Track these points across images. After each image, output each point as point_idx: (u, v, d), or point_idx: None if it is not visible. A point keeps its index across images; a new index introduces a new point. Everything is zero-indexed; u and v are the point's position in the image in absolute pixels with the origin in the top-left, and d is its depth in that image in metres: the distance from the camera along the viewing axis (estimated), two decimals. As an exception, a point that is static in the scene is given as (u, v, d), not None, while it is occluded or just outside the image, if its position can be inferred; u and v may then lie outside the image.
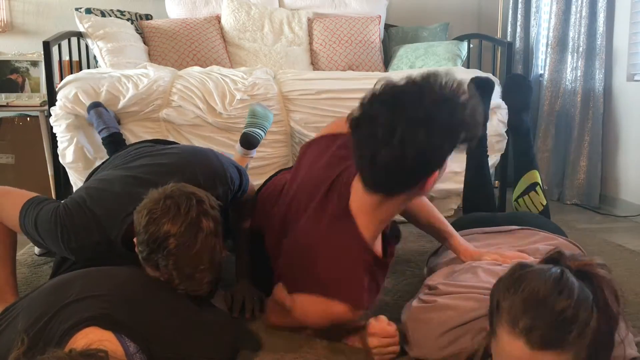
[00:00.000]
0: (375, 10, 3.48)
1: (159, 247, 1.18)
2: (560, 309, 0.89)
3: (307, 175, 1.41)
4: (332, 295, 1.20)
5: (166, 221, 1.18)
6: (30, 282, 1.83)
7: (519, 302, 0.92)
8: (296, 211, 1.37)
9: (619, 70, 2.95)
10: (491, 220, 1.64)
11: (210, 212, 1.23)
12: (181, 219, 1.18)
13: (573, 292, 0.91)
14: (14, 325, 1.08)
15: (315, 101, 2.57)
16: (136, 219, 1.23)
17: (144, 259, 1.22)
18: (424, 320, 1.27)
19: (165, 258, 1.18)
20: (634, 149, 2.88)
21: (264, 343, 1.41)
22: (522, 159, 1.86)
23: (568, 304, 0.89)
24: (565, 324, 0.89)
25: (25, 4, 3.46)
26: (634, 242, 2.37)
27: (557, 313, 0.89)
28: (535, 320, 0.90)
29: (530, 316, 0.90)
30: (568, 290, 0.91)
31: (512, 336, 0.92)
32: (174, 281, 1.20)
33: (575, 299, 0.90)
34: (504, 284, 0.97)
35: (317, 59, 3.32)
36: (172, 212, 1.19)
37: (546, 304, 0.90)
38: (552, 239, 1.51)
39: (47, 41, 2.55)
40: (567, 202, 3.14)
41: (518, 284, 0.95)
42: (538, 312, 0.90)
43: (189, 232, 1.18)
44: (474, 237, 1.56)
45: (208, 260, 1.21)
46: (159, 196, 1.22)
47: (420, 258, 2.05)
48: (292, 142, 2.58)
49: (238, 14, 3.27)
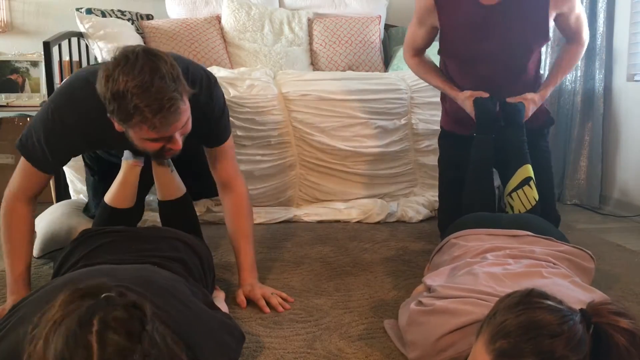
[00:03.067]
0: (375, 11, 3.48)
1: (124, 96, 1.23)
2: (543, 350, 0.83)
3: None
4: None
5: (120, 72, 1.23)
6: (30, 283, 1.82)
7: (508, 325, 0.88)
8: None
9: (619, 70, 2.95)
10: (497, 222, 1.64)
11: (167, 61, 1.29)
12: (135, 67, 1.24)
13: (570, 341, 0.83)
14: (19, 324, 1.07)
15: (316, 101, 2.57)
16: (99, 89, 1.28)
17: (120, 120, 1.28)
18: (422, 323, 1.27)
19: (131, 102, 1.23)
20: (634, 149, 2.88)
21: (264, 343, 1.41)
22: (515, 153, 1.85)
23: (554, 347, 0.83)
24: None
25: (25, 4, 3.46)
26: (634, 242, 2.38)
27: (537, 352, 0.83)
28: (513, 347, 0.86)
29: (511, 341, 0.86)
30: (565, 338, 0.84)
31: (484, 349, 0.90)
32: (148, 119, 1.25)
33: (568, 347, 0.83)
34: (513, 299, 0.93)
35: (317, 59, 3.33)
36: (122, 64, 1.24)
37: (530, 338, 0.84)
38: (558, 245, 1.50)
39: (47, 41, 2.55)
40: (567, 202, 3.15)
41: (519, 308, 0.90)
42: (518, 342, 0.85)
43: (145, 73, 1.24)
44: (478, 237, 1.56)
45: (172, 83, 1.26)
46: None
47: (420, 258, 2.05)
48: (295, 142, 2.59)
49: (238, 14, 3.27)
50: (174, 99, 1.27)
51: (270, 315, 1.57)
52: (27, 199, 1.54)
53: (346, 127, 2.62)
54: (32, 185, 1.53)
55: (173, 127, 1.32)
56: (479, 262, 1.39)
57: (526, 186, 1.79)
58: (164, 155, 1.44)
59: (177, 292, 1.19)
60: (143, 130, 1.30)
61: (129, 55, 1.26)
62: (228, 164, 1.71)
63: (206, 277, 1.53)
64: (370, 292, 1.74)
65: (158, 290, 1.14)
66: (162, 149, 1.39)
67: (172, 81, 1.27)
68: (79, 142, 1.51)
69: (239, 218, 1.72)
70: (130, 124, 1.29)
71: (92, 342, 0.76)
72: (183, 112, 1.32)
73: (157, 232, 1.59)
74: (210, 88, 1.60)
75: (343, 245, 2.24)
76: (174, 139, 1.36)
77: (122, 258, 1.37)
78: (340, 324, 1.52)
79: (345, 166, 2.65)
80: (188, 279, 1.34)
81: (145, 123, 1.27)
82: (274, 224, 2.56)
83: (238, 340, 1.29)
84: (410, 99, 2.67)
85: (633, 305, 1.66)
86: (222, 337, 1.22)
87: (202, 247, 1.61)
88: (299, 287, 1.79)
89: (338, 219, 2.61)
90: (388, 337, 1.43)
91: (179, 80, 1.30)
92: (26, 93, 3.25)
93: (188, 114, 1.36)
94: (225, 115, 1.68)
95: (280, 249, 2.18)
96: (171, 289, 1.18)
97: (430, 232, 2.41)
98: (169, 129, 1.31)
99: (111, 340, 0.76)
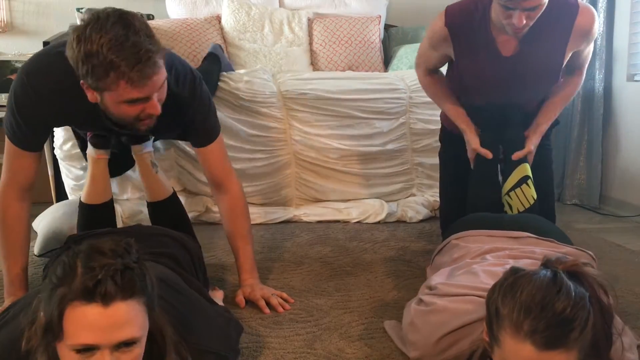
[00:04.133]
0: (375, 10, 3.48)
1: (97, 54, 1.19)
2: (561, 308, 0.91)
3: None
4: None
5: (91, 30, 1.19)
6: (30, 282, 1.82)
7: (519, 306, 0.94)
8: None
9: (619, 70, 2.95)
10: (498, 223, 1.64)
11: (139, 19, 1.25)
12: (107, 23, 1.20)
13: (570, 292, 0.94)
14: (16, 320, 1.07)
15: (315, 101, 2.58)
16: (70, 54, 1.24)
17: (95, 80, 1.23)
18: (423, 323, 1.27)
19: (107, 58, 1.19)
20: (633, 149, 2.88)
21: (264, 343, 1.41)
22: (514, 149, 1.84)
23: (567, 303, 0.92)
24: (567, 322, 0.91)
25: (25, 4, 3.46)
26: (634, 242, 2.37)
27: (558, 313, 0.91)
28: (538, 322, 0.91)
29: (533, 318, 0.92)
30: (565, 291, 0.94)
31: (517, 340, 0.93)
32: (125, 73, 1.21)
33: (572, 298, 0.93)
34: (500, 291, 0.99)
35: (317, 59, 3.32)
36: (93, 23, 1.20)
37: (546, 305, 0.92)
38: (559, 247, 1.50)
39: (47, 41, 2.56)
40: (567, 202, 3.15)
41: (515, 289, 0.97)
42: (539, 314, 0.92)
43: (118, 28, 1.20)
44: (479, 238, 1.56)
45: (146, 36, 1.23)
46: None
47: (420, 258, 2.05)
48: (292, 141, 2.59)
49: (238, 14, 3.27)
50: (151, 51, 1.23)
51: (270, 315, 1.57)
52: (18, 193, 1.48)
53: (344, 126, 2.62)
54: (20, 171, 1.48)
55: (151, 83, 1.26)
56: (478, 262, 1.40)
57: (524, 185, 1.78)
58: (143, 125, 1.37)
59: (174, 284, 1.19)
60: (120, 89, 1.24)
61: (100, 15, 1.22)
62: (219, 164, 1.67)
63: (197, 273, 1.53)
64: (370, 292, 1.74)
65: (156, 281, 1.14)
66: (140, 116, 1.33)
67: (146, 36, 1.23)
68: (50, 113, 1.45)
69: (235, 219, 1.69)
70: (106, 83, 1.23)
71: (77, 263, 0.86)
72: (160, 67, 1.27)
73: (144, 229, 1.59)
74: (194, 87, 1.55)
75: (343, 245, 2.24)
76: (152, 102, 1.30)
77: None
78: (340, 324, 1.52)
79: (342, 165, 2.65)
80: (182, 274, 1.33)
81: (123, 78, 1.22)
82: (273, 224, 2.56)
83: (237, 332, 1.29)
84: (409, 98, 2.67)
85: (633, 305, 1.66)
86: (221, 325, 1.22)
87: (191, 242, 1.61)
88: (299, 287, 1.79)
89: (338, 219, 2.61)
90: (388, 337, 1.43)
91: (154, 38, 1.25)
92: (26, 93, 3.24)
93: (165, 74, 1.31)
94: (211, 113, 1.63)
95: (280, 249, 2.18)
96: (168, 280, 1.18)
97: (430, 232, 2.41)
98: (148, 84, 1.26)
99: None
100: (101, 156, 1.69)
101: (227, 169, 1.69)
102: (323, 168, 2.64)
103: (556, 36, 1.76)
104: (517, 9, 1.59)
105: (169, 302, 1.07)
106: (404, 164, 2.73)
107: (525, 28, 1.66)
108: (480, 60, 1.80)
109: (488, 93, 1.86)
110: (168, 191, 1.82)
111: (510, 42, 1.77)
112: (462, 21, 1.78)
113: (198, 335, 1.12)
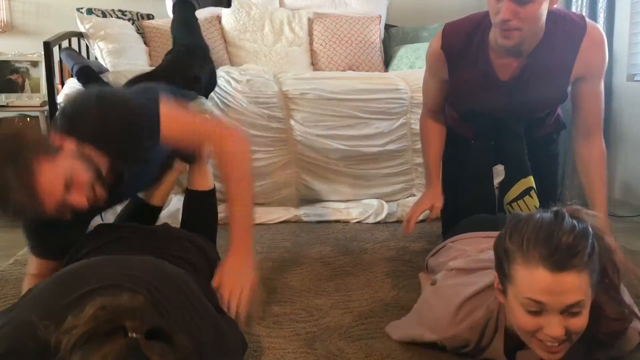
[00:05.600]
0: (375, 10, 3.48)
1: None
2: (566, 234, 0.97)
3: None
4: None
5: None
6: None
7: (528, 237, 1.00)
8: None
9: (619, 70, 2.95)
10: (494, 224, 1.64)
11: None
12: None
13: (572, 223, 1.00)
14: (29, 304, 1.05)
15: (316, 101, 2.58)
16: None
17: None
18: (439, 298, 1.30)
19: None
20: (634, 149, 2.88)
21: (264, 343, 1.41)
22: (516, 165, 1.82)
23: (571, 230, 0.98)
24: (575, 245, 0.97)
25: (26, 4, 3.46)
26: (634, 242, 2.37)
27: (565, 238, 0.97)
28: (548, 246, 0.97)
29: (542, 244, 0.97)
30: (567, 222, 1.00)
31: (529, 268, 0.98)
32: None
33: (576, 227, 0.99)
34: (506, 233, 1.05)
35: (317, 59, 3.33)
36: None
37: (552, 233, 0.98)
38: None
39: (47, 41, 2.55)
40: (567, 202, 3.13)
41: (519, 226, 1.03)
42: (548, 240, 0.97)
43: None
44: (475, 240, 1.56)
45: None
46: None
47: (420, 258, 2.05)
48: (293, 140, 2.59)
49: (238, 14, 3.27)
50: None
51: (270, 315, 1.57)
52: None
53: (345, 126, 2.62)
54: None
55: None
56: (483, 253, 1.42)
57: (527, 196, 1.77)
58: (72, 209, 1.26)
59: (188, 290, 1.17)
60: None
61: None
62: (192, 135, 1.46)
63: (211, 281, 1.52)
64: (370, 292, 1.74)
65: (172, 286, 1.12)
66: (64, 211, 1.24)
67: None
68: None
69: (224, 179, 1.46)
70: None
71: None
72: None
73: (168, 231, 1.58)
74: (152, 129, 1.36)
75: (343, 245, 2.24)
76: (70, 200, 1.22)
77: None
78: (340, 324, 1.52)
79: (342, 166, 2.65)
80: (198, 280, 1.32)
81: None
82: (273, 224, 2.56)
83: (242, 350, 1.28)
84: (410, 98, 2.67)
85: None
86: (228, 345, 1.21)
87: (211, 251, 1.59)
88: (299, 287, 1.79)
89: (338, 219, 2.61)
90: (388, 337, 1.43)
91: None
92: (26, 93, 3.25)
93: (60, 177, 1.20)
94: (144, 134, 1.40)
95: (280, 249, 2.18)
96: (183, 285, 1.16)
97: (430, 232, 2.41)
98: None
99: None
100: (181, 168, 1.78)
101: (203, 132, 1.46)
102: (323, 168, 2.64)
103: (559, 59, 1.63)
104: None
105: (181, 312, 1.06)
106: (404, 164, 2.73)
107: (514, 31, 1.53)
108: (476, 84, 1.72)
109: (482, 115, 1.81)
110: (210, 184, 1.81)
111: (509, 65, 1.67)
112: (459, 42, 1.72)
113: (204, 350, 1.11)
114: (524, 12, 1.51)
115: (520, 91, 1.69)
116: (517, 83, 1.68)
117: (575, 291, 0.97)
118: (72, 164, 1.22)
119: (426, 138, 1.99)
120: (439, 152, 1.96)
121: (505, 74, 1.69)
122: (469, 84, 1.74)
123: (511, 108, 1.74)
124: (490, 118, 1.80)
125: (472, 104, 1.80)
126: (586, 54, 1.63)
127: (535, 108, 1.79)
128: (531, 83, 1.67)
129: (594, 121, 1.74)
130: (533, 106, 1.77)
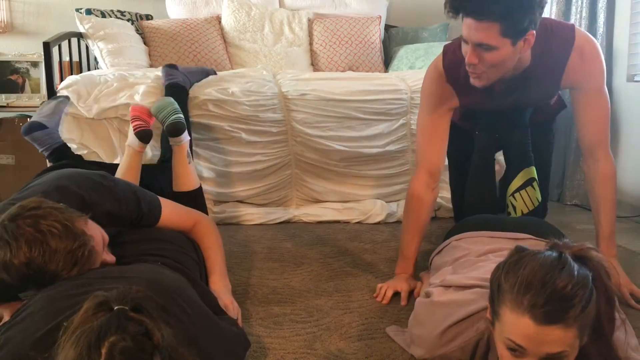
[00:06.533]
0: (375, 11, 3.49)
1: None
2: (562, 285, 0.93)
3: None
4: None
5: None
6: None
7: (520, 282, 0.96)
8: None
9: (619, 70, 2.95)
10: (499, 225, 1.64)
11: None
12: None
13: (572, 271, 0.95)
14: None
15: (315, 102, 2.58)
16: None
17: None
18: (428, 315, 1.28)
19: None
20: (634, 149, 2.87)
21: (264, 343, 1.41)
22: (519, 154, 1.84)
23: (569, 280, 0.93)
24: (567, 299, 0.92)
25: (25, 5, 3.46)
26: (634, 242, 2.37)
27: (560, 289, 0.92)
28: (539, 296, 0.93)
29: (533, 293, 0.93)
30: (568, 269, 0.95)
31: (516, 314, 0.95)
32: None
33: (575, 277, 0.94)
34: (504, 268, 1.01)
35: (317, 59, 3.33)
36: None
37: (547, 281, 0.93)
38: None
39: (47, 42, 2.55)
40: (567, 202, 3.14)
41: (518, 266, 0.99)
42: (540, 289, 0.93)
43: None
44: (480, 240, 1.56)
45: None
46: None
47: (420, 258, 2.05)
48: (293, 142, 2.59)
49: (238, 15, 3.27)
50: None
51: (270, 315, 1.57)
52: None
53: (345, 127, 2.61)
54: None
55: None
56: (483, 260, 1.41)
57: (529, 187, 1.78)
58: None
59: (185, 297, 1.17)
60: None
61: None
62: (183, 226, 1.59)
63: (202, 277, 1.52)
64: (370, 293, 1.74)
65: (168, 293, 1.12)
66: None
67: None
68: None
69: (207, 250, 1.60)
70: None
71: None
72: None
73: (158, 234, 1.58)
74: (110, 191, 1.42)
75: (343, 245, 2.24)
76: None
77: (124, 255, 1.36)
78: (340, 324, 1.52)
79: (342, 167, 2.64)
80: (194, 281, 1.33)
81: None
82: (273, 224, 2.56)
83: (244, 348, 1.28)
84: (409, 99, 2.67)
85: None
86: (229, 344, 1.21)
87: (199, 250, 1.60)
88: (299, 287, 1.79)
89: (338, 220, 2.60)
90: (388, 337, 1.43)
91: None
92: (26, 93, 3.25)
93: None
94: (137, 198, 1.48)
95: (280, 250, 2.18)
96: (180, 291, 1.17)
97: (430, 232, 2.40)
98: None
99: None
100: (142, 149, 1.86)
101: (191, 223, 1.61)
102: (323, 169, 2.64)
103: (547, 79, 1.59)
104: (467, 43, 1.47)
105: (180, 320, 1.06)
106: (404, 164, 2.73)
107: (482, 73, 1.49)
108: (477, 96, 1.66)
109: (485, 112, 1.82)
110: (196, 183, 1.90)
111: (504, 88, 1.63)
112: (461, 72, 1.62)
113: (207, 357, 1.11)
114: (489, 57, 1.45)
115: (520, 91, 1.69)
116: (516, 87, 1.67)
117: (558, 343, 0.93)
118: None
119: (413, 212, 1.76)
120: (420, 238, 1.78)
121: (499, 86, 1.64)
122: (470, 96, 1.69)
123: (513, 104, 1.74)
124: (493, 113, 1.81)
125: (475, 108, 1.81)
126: (575, 70, 1.57)
127: (538, 100, 1.78)
128: (530, 81, 1.66)
129: (597, 137, 1.64)
130: (534, 102, 1.77)
